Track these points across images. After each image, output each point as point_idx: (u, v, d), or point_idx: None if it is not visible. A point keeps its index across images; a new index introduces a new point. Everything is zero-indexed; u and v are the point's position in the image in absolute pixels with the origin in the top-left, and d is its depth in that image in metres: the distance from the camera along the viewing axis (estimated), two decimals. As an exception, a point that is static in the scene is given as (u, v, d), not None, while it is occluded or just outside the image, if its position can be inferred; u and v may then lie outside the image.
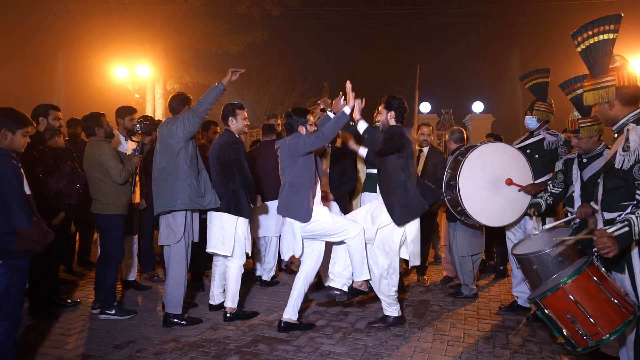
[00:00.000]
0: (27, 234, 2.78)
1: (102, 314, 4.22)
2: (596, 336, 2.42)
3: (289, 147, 3.84)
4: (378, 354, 3.52)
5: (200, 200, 4.04)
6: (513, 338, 3.86)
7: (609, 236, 2.30)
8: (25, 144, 2.99)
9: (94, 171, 4.25)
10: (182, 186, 3.96)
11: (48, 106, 4.59)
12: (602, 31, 2.52)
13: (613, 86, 2.53)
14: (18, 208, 2.74)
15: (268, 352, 3.52)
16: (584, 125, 3.39)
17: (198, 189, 4.01)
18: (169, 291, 4.04)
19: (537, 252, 3.27)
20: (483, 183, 4.19)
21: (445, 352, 3.59)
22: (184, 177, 3.97)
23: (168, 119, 4.18)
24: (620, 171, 2.50)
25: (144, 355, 3.45)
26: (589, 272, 2.50)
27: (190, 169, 4.00)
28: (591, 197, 3.34)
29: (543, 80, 4.32)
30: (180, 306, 4.05)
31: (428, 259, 6.70)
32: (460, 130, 5.15)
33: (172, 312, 4.03)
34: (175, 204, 3.97)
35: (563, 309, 2.51)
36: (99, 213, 4.26)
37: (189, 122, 3.94)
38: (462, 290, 4.97)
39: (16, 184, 2.76)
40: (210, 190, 4.14)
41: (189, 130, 3.96)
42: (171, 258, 4.07)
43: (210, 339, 3.75)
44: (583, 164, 3.60)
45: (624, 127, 2.56)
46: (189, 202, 3.98)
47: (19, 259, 2.81)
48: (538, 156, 4.28)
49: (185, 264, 4.09)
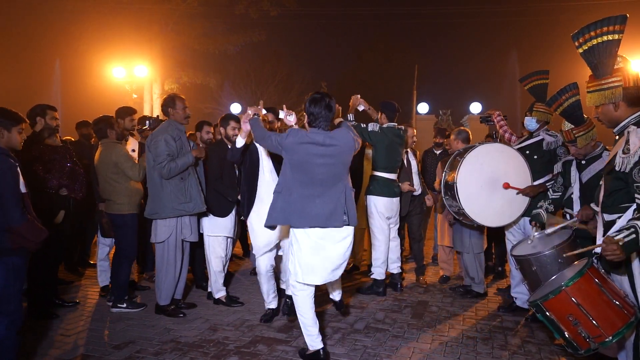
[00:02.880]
0: (20, 231, 2.81)
1: (114, 308, 4.39)
2: (599, 338, 2.42)
3: None
4: (377, 354, 3.53)
5: (186, 206, 4.18)
6: (512, 339, 3.87)
7: (616, 243, 2.30)
8: (21, 140, 3.05)
9: (109, 172, 4.38)
10: (164, 194, 4.11)
11: (45, 106, 4.62)
12: (606, 32, 2.50)
13: (620, 87, 2.51)
14: (12, 205, 2.77)
15: (267, 352, 3.52)
16: (579, 135, 3.43)
17: (182, 195, 4.15)
18: (158, 286, 4.30)
19: (536, 254, 3.28)
20: (481, 184, 4.20)
21: (444, 353, 3.59)
22: (166, 184, 4.11)
23: (153, 133, 4.26)
24: (621, 173, 2.50)
25: (144, 355, 3.45)
26: (591, 274, 2.50)
27: (171, 178, 4.12)
28: (590, 199, 3.36)
29: (542, 82, 4.33)
30: (168, 299, 4.29)
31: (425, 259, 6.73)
32: (467, 131, 5.14)
33: (163, 304, 4.28)
34: (158, 211, 4.15)
35: (565, 311, 2.51)
36: (114, 213, 4.43)
37: (158, 166, 4.06)
38: (475, 288, 4.97)
39: (11, 182, 2.79)
40: (197, 195, 4.25)
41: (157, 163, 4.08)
42: (158, 256, 4.28)
43: (209, 340, 3.75)
44: (582, 165, 3.61)
45: (625, 130, 2.57)
46: (172, 210, 4.13)
47: (14, 256, 2.83)
48: (537, 157, 4.28)
49: (173, 264, 4.25)
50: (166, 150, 4.04)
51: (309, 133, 3.19)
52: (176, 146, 4.14)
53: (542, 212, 3.88)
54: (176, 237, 4.23)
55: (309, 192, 3.19)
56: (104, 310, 4.45)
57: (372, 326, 4.10)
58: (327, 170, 3.18)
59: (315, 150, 3.14)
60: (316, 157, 3.14)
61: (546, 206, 3.87)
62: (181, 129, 4.30)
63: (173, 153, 4.09)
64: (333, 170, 3.21)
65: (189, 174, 4.23)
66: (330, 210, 3.20)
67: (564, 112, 3.44)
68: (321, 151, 3.14)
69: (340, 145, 3.20)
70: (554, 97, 3.46)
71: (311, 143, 3.14)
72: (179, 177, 4.13)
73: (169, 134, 4.12)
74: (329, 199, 3.21)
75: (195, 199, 4.23)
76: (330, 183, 3.22)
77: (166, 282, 4.25)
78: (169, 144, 4.08)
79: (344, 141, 3.23)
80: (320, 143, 3.14)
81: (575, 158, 3.70)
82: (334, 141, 3.18)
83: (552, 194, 3.91)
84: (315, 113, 3.17)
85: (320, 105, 3.16)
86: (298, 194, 3.20)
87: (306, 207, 3.19)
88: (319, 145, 3.14)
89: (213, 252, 4.63)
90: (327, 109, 3.19)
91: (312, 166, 3.15)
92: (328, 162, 3.16)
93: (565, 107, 3.39)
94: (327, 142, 3.16)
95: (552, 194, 3.90)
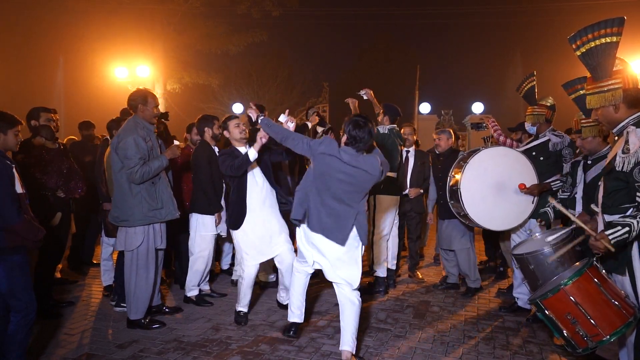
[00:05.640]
0: (17, 229, 2.86)
1: (117, 307, 4.38)
2: (597, 337, 2.44)
3: None
4: (379, 354, 3.55)
5: (157, 213, 3.87)
6: (513, 339, 3.88)
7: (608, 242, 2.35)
8: (18, 142, 3.08)
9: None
10: (133, 200, 3.79)
11: (40, 109, 4.63)
12: (604, 34, 2.52)
13: (620, 89, 2.53)
14: (8, 204, 2.81)
15: (270, 352, 3.54)
16: (585, 125, 3.38)
17: (153, 201, 3.84)
18: (127, 299, 3.95)
19: (532, 252, 3.31)
20: (485, 187, 4.20)
21: (445, 353, 3.61)
22: (135, 191, 3.78)
23: (119, 134, 3.87)
24: (621, 173, 2.51)
25: (147, 354, 3.47)
26: (590, 273, 2.52)
27: (142, 183, 3.80)
28: (593, 199, 3.36)
29: (531, 85, 4.40)
30: (142, 312, 3.95)
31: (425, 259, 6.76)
32: (449, 131, 5.37)
33: (134, 319, 3.93)
34: (128, 219, 3.81)
35: (564, 310, 2.53)
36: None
37: (128, 170, 3.72)
38: (472, 284, 5.06)
39: (7, 182, 2.84)
40: (169, 200, 3.96)
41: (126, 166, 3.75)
42: (126, 265, 3.94)
43: (212, 339, 3.77)
44: (588, 165, 3.59)
45: (624, 130, 2.58)
46: (142, 218, 3.81)
47: (14, 254, 2.88)
48: (543, 158, 4.28)
49: (144, 274, 3.92)
50: (137, 153, 3.68)
51: (341, 149, 3.24)
52: (147, 148, 3.79)
53: (549, 210, 3.89)
54: (148, 245, 3.89)
55: (322, 202, 3.27)
56: (107, 310, 4.48)
57: (374, 326, 4.12)
58: (344, 188, 3.22)
59: (339, 165, 3.19)
60: (338, 172, 3.19)
61: (553, 205, 3.88)
62: (150, 129, 3.93)
63: (145, 156, 3.74)
64: (350, 190, 3.24)
65: (160, 178, 3.91)
66: (337, 226, 3.25)
67: (577, 99, 3.35)
68: (344, 168, 3.19)
69: (364, 170, 3.21)
70: (572, 82, 3.35)
71: (338, 158, 3.19)
72: (150, 182, 3.81)
73: (138, 134, 3.74)
74: (338, 215, 3.26)
75: (167, 205, 3.92)
76: (345, 202, 3.26)
77: (136, 294, 3.90)
78: (140, 146, 3.71)
79: (369, 167, 3.23)
80: (345, 161, 3.19)
81: (582, 158, 3.68)
82: (360, 164, 3.20)
83: (561, 194, 3.91)
84: (356, 137, 3.20)
85: (363, 131, 3.19)
86: (312, 200, 3.30)
87: (314, 214, 3.28)
88: (344, 163, 3.19)
89: (199, 250, 4.62)
90: (369, 135, 3.22)
91: (332, 180, 3.21)
92: (347, 181, 3.20)
93: (580, 94, 3.28)
94: (352, 162, 3.19)
95: (561, 194, 3.90)
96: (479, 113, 16.60)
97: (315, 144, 3.29)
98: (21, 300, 2.90)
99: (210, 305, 4.61)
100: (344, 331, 3.31)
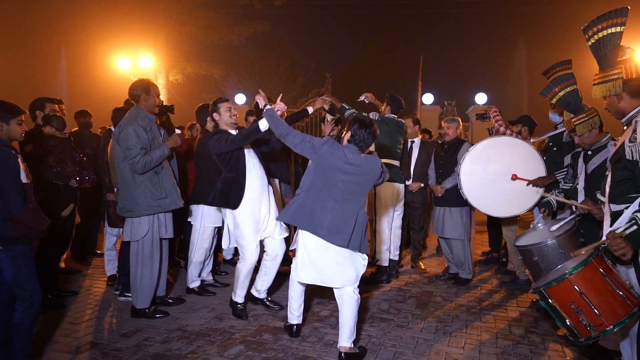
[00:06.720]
0: (22, 219, 2.86)
1: (121, 296, 4.41)
2: (600, 327, 2.44)
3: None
4: (381, 344, 3.57)
5: (162, 202, 3.89)
6: (515, 329, 3.90)
7: (620, 236, 2.32)
8: (22, 132, 3.07)
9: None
10: (137, 190, 3.81)
11: (44, 99, 4.64)
12: (610, 25, 2.53)
13: (620, 79, 2.54)
14: (13, 194, 2.82)
15: (273, 341, 3.56)
16: (578, 122, 3.39)
17: (157, 190, 3.86)
18: (133, 288, 3.99)
19: (537, 244, 3.30)
20: (487, 175, 4.25)
21: (448, 342, 3.63)
22: (139, 181, 3.81)
23: (120, 124, 3.89)
24: (628, 162, 2.52)
25: (151, 343, 3.50)
26: (595, 263, 2.52)
27: (145, 173, 3.81)
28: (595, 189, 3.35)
29: (572, 89, 4.30)
30: (148, 301, 4.00)
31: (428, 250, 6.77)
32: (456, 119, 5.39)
33: (140, 308, 3.98)
34: (133, 209, 3.85)
35: (568, 299, 2.53)
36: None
37: (130, 161, 3.73)
38: (463, 275, 5.13)
39: (12, 171, 2.84)
40: (173, 189, 3.97)
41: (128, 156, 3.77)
42: (132, 255, 3.97)
43: (215, 329, 3.80)
44: (587, 156, 3.59)
45: (633, 120, 2.58)
46: (146, 207, 3.83)
47: (18, 244, 2.89)
48: (556, 148, 4.34)
49: (149, 264, 3.96)
50: (138, 143, 3.71)
51: (344, 147, 3.25)
52: (148, 138, 3.80)
53: (552, 199, 3.90)
54: (153, 235, 3.93)
55: (323, 201, 3.25)
56: (111, 299, 4.51)
57: (377, 316, 4.14)
58: (346, 188, 3.21)
59: (341, 165, 3.19)
60: (340, 172, 3.19)
61: (556, 193, 3.89)
62: (151, 119, 3.95)
63: (146, 146, 3.76)
64: (351, 189, 3.24)
65: (163, 167, 3.93)
66: (337, 227, 3.22)
67: (559, 101, 3.45)
68: (346, 168, 3.19)
69: (365, 169, 3.22)
70: (548, 87, 3.46)
71: (340, 157, 3.20)
72: (152, 171, 3.83)
73: (139, 124, 3.77)
74: (339, 215, 3.24)
75: (171, 194, 3.94)
76: (346, 201, 3.25)
77: (142, 284, 3.94)
78: (141, 136, 3.73)
79: (369, 168, 3.24)
80: (348, 160, 3.19)
81: (582, 149, 3.68)
82: (361, 164, 3.21)
83: (563, 184, 3.92)
84: (361, 136, 3.21)
85: (368, 132, 3.21)
86: (312, 200, 3.27)
87: (316, 214, 3.25)
88: (347, 162, 3.19)
89: (201, 241, 4.63)
90: (372, 136, 3.25)
91: (334, 179, 3.20)
92: (350, 180, 3.20)
93: (560, 96, 3.40)
94: (355, 162, 3.20)
95: (563, 185, 3.92)
96: (482, 104, 16.51)
97: (318, 143, 3.29)
98: (26, 289, 2.92)
99: (213, 295, 4.63)
100: (343, 326, 3.30)
